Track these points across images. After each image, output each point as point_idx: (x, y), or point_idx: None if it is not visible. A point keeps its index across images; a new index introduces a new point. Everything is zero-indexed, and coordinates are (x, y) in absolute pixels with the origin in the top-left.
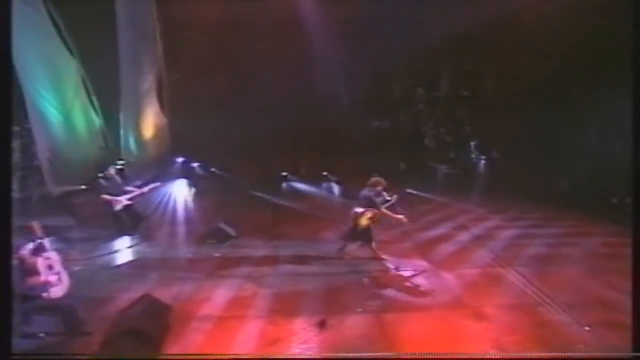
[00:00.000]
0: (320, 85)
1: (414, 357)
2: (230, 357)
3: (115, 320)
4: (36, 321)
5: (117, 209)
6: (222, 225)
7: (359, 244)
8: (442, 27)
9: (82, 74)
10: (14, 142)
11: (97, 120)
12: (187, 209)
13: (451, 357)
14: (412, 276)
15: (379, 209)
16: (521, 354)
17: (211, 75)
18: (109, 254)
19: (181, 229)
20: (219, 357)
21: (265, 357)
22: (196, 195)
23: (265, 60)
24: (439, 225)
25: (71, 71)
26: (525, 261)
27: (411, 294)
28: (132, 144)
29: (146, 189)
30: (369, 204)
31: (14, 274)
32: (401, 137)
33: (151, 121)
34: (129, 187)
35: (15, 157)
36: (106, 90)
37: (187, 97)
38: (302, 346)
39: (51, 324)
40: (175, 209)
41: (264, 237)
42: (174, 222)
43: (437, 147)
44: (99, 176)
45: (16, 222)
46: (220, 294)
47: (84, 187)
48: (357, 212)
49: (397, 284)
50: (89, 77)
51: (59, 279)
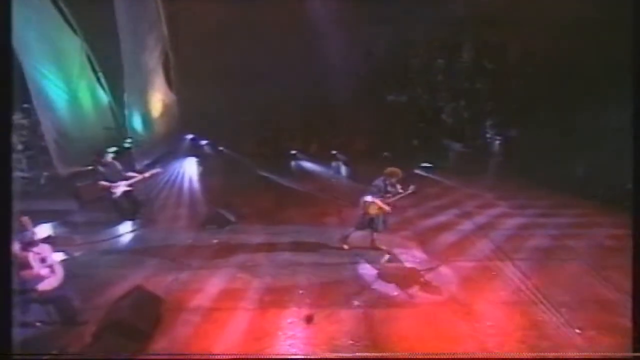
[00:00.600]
0: (333, 58)
1: (414, 357)
2: (229, 357)
3: (106, 312)
4: (32, 311)
5: (117, 195)
6: (222, 210)
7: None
8: None
9: (86, 51)
10: (23, 120)
11: (105, 97)
12: (191, 191)
13: (451, 356)
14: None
15: (388, 200)
16: (520, 354)
17: (220, 50)
18: (110, 239)
19: (184, 212)
20: (219, 357)
21: (265, 357)
22: (202, 175)
23: (276, 33)
24: (443, 211)
25: (75, 49)
26: (525, 254)
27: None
28: (139, 123)
29: (147, 174)
30: (380, 193)
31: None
32: (416, 112)
33: (159, 99)
34: (129, 173)
35: (23, 136)
36: (114, 67)
37: (196, 74)
38: (288, 342)
39: (46, 313)
40: (180, 191)
41: (264, 222)
42: (178, 204)
43: (454, 124)
44: (96, 161)
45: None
46: (213, 284)
47: (91, 168)
48: (367, 201)
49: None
50: (94, 54)
51: (52, 271)
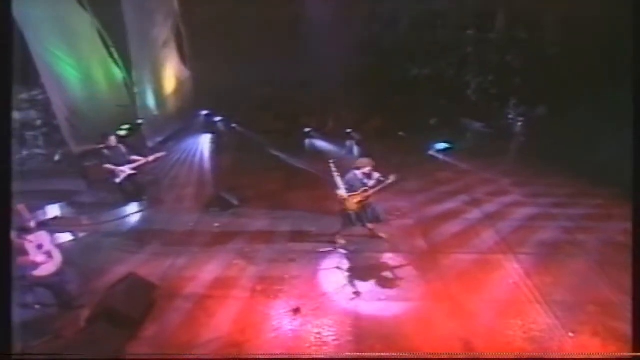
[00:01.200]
0: (355, 29)
1: (415, 357)
2: (229, 357)
3: (100, 298)
4: (31, 294)
5: (121, 178)
6: (225, 193)
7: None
8: None
9: (98, 28)
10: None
11: (119, 73)
12: (200, 170)
13: (451, 357)
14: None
15: (367, 191)
16: (519, 354)
17: (235, 24)
18: (114, 220)
19: (190, 193)
20: (218, 357)
21: (264, 357)
22: (213, 153)
23: (293, 4)
24: (451, 198)
25: (86, 27)
26: (531, 248)
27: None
28: (151, 100)
29: (151, 158)
30: (357, 186)
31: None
32: (440, 88)
33: (171, 75)
34: (133, 157)
35: (37, 113)
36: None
37: (210, 49)
38: (273, 334)
39: (44, 297)
40: (189, 170)
41: (268, 206)
42: (185, 184)
43: (479, 101)
44: (101, 144)
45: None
46: (209, 270)
47: (102, 146)
48: (343, 197)
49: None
50: (106, 30)
51: (49, 257)
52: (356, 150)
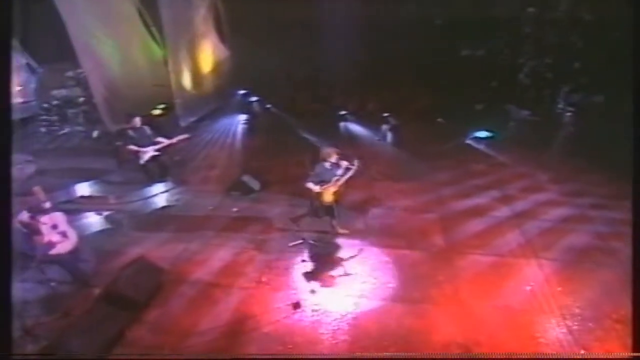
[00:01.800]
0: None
1: (416, 357)
2: (229, 357)
3: (110, 280)
4: (48, 272)
5: (145, 159)
6: (246, 177)
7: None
8: None
9: (138, 7)
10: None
11: (159, 52)
12: (229, 152)
13: (451, 357)
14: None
15: (339, 181)
16: (519, 354)
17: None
18: (138, 200)
19: (216, 174)
20: (218, 357)
21: (266, 357)
22: (244, 135)
23: None
24: (482, 192)
25: (126, 7)
26: (557, 253)
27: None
28: (187, 79)
29: (175, 140)
30: (328, 178)
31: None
32: (491, 70)
33: (208, 54)
34: (158, 138)
35: (81, 91)
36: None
37: (249, 27)
38: (268, 328)
39: (60, 275)
40: (218, 151)
41: (289, 192)
42: (212, 166)
43: (531, 85)
44: (127, 125)
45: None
46: (219, 257)
47: (127, 127)
48: (318, 191)
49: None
50: (147, 8)
51: (64, 236)
52: (390, 136)
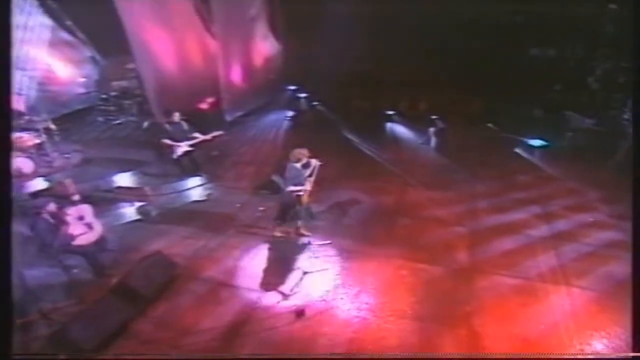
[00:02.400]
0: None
1: (415, 357)
2: (229, 357)
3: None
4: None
5: (178, 154)
6: (275, 177)
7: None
8: None
9: (194, 0)
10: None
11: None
12: (269, 149)
13: (451, 357)
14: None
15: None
16: (520, 354)
17: None
18: (170, 193)
19: (251, 171)
20: (218, 357)
21: (269, 357)
22: (287, 132)
23: None
24: (521, 207)
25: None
26: (591, 281)
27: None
28: (236, 73)
29: (209, 136)
30: (301, 179)
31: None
32: (558, 72)
33: (259, 48)
34: (194, 134)
35: (138, 82)
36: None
37: (303, 23)
38: (266, 334)
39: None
40: (258, 148)
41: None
42: (249, 162)
43: (599, 90)
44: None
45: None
46: (233, 257)
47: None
48: (298, 193)
49: None
50: (203, 2)
51: (89, 228)
52: (433, 140)
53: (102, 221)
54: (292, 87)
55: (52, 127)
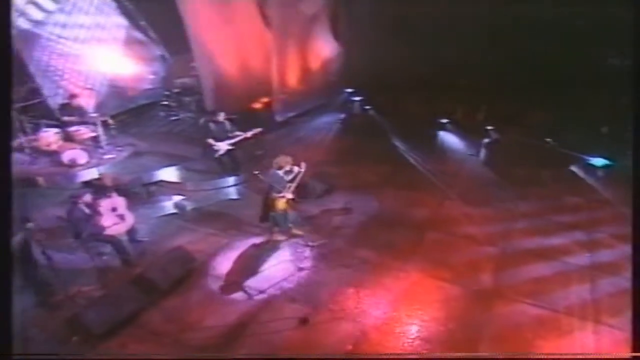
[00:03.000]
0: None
1: (415, 357)
2: (229, 357)
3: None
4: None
5: (220, 153)
6: (312, 180)
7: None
8: None
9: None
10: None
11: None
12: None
13: (451, 357)
14: None
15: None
16: (521, 354)
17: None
18: (210, 190)
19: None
20: (217, 357)
21: (271, 357)
22: (334, 135)
23: None
24: (564, 231)
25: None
26: (623, 319)
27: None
28: (292, 74)
29: (249, 134)
30: (282, 186)
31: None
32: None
33: (317, 50)
34: (236, 133)
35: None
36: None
37: (366, 25)
38: (266, 337)
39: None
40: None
41: (351, 201)
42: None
43: None
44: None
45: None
46: (252, 257)
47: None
48: (275, 197)
49: None
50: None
51: (121, 219)
52: (483, 152)
53: (138, 213)
54: (349, 90)
55: (110, 121)
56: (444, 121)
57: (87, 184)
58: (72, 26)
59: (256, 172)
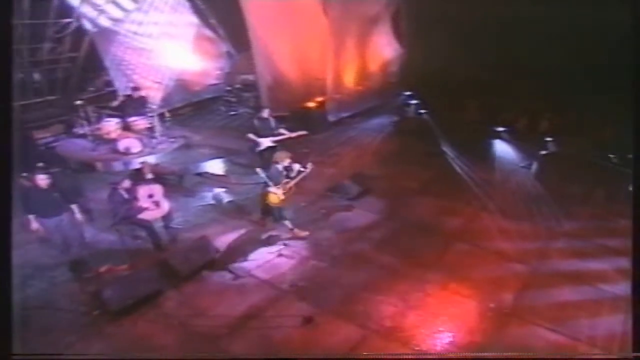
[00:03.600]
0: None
1: (415, 357)
2: (230, 357)
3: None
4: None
5: (260, 149)
6: (346, 181)
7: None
8: None
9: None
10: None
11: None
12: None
13: (451, 357)
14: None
15: (289, 183)
16: (521, 354)
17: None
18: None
19: (332, 172)
20: (218, 357)
21: (273, 357)
22: (383, 137)
23: None
24: (607, 256)
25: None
26: None
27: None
28: (349, 74)
29: (294, 134)
30: (279, 180)
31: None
32: None
33: (377, 51)
34: (280, 130)
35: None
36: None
37: (431, 28)
38: (267, 333)
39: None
40: (350, 150)
41: (382, 205)
42: (334, 163)
43: None
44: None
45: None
46: (268, 252)
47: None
48: (269, 191)
49: None
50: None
51: (157, 206)
52: (535, 165)
53: (179, 202)
54: (406, 93)
55: (167, 114)
56: (501, 129)
57: (133, 171)
58: (147, 24)
59: (258, 169)
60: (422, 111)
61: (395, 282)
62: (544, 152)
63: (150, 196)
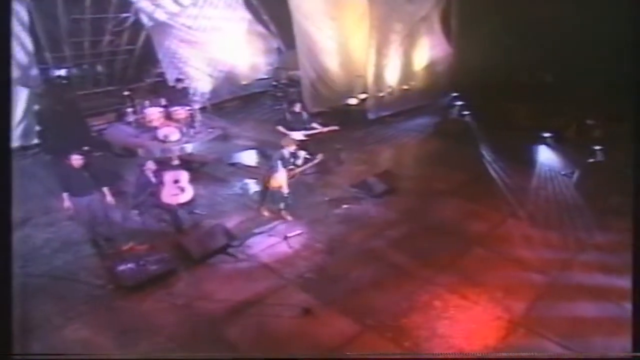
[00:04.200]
0: None
1: (415, 357)
2: (231, 357)
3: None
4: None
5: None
6: (371, 179)
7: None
8: None
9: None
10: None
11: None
12: (393, 152)
13: (451, 357)
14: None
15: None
16: (521, 354)
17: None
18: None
19: (361, 170)
20: (217, 357)
21: (266, 357)
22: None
23: None
24: (624, 272)
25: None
26: None
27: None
28: (392, 73)
29: (325, 129)
30: (285, 164)
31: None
32: None
33: (425, 50)
34: (312, 124)
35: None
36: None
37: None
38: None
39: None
40: (381, 149)
41: (405, 205)
42: (365, 160)
43: None
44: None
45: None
46: (279, 245)
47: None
48: (273, 175)
49: None
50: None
51: (182, 191)
52: (577, 174)
53: (208, 189)
54: (453, 94)
55: (208, 106)
56: (548, 135)
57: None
58: (201, 18)
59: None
60: (466, 113)
61: (403, 281)
62: (590, 161)
63: (175, 181)
